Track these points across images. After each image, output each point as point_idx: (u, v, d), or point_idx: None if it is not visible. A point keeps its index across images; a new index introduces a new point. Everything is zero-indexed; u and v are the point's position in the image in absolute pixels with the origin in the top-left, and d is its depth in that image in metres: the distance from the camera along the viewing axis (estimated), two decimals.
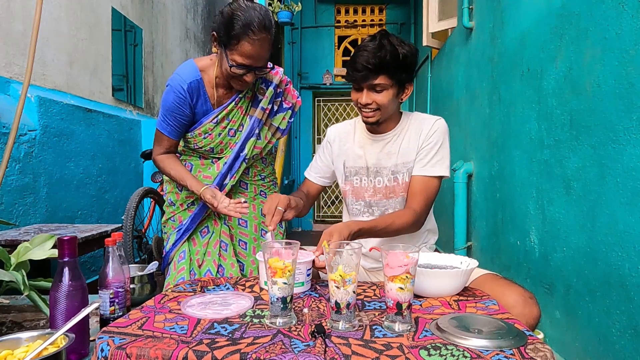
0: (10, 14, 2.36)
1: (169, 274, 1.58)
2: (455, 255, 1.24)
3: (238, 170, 1.58)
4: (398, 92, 1.41)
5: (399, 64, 1.35)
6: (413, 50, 1.39)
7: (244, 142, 1.56)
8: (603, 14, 1.44)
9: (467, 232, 3.10)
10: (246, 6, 1.38)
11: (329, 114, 7.17)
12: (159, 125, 1.55)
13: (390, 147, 1.50)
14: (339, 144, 1.58)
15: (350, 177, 1.55)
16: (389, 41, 1.35)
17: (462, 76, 3.28)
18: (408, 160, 1.47)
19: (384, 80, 1.36)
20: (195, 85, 1.49)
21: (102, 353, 0.84)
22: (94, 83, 3.12)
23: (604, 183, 1.44)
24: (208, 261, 1.58)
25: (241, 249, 1.65)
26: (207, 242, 1.61)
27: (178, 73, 1.50)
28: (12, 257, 1.22)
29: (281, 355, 0.80)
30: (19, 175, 2.31)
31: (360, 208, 1.54)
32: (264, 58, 1.42)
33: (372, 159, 1.52)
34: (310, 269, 1.21)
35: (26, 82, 1.55)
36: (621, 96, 1.34)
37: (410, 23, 6.35)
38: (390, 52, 1.33)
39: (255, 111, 1.57)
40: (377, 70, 1.34)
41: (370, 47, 1.34)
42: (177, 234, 1.61)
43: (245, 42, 1.35)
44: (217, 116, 1.53)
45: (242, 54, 1.37)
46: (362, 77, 1.36)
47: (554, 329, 1.79)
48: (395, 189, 1.49)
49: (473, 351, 0.80)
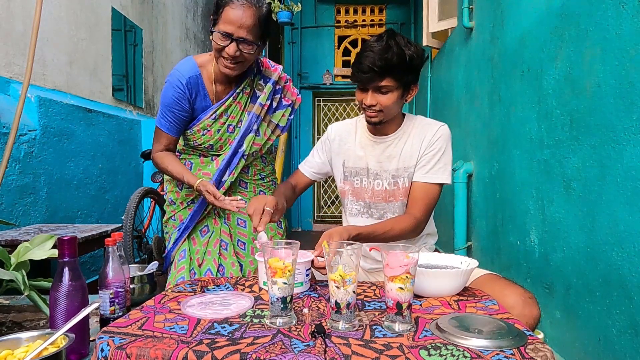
0: (10, 14, 2.36)
1: (169, 274, 1.58)
2: (455, 255, 1.24)
3: (237, 166, 1.57)
4: (403, 93, 1.40)
5: (406, 66, 1.33)
6: (419, 51, 1.36)
7: (242, 137, 1.56)
8: (603, 14, 1.44)
9: (467, 232, 3.10)
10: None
11: (329, 114, 7.17)
12: (158, 123, 1.55)
13: (391, 150, 1.49)
14: (339, 143, 1.58)
15: (349, 177, 1.55)
16: (396, 42, 1.32)
17: (462, 76, 3.27)
18: (409, 165, 1.47)
19: (390, 82, 1.34)
20: (194, 80, 1.50)
21: (102, 353, 0.84)
22: (94, 83, 3.11)
23: (604, 183, 1.44)
24: (208, 260, 1.58)
25: (240, 249, 1.65)
26: (207, 241, 1.61)
27: (177, 69, 1.51)
28: (12, 257, 1.22)
29: (281, 355, 0.80)
30: (19, 175, 2.31)
31: (360, 209, 1.54)
32: (247, 28, 1.37)
33: (373, 161, 1.51)
34: (309, 269, 1.21)
35: (26, 82, 1.55)
36: (621, 96, 1.34)
37: (410, 23, 6.34)
38: (397, 54, 1.31)
39: (254, 107, 1.57)
40: (383, 72, 1.32)
41: (377, 47, 1.32)
42: (177, 233, 1.62)
43: (228, 8, 1.36)
44: (215, 112, 1.53)
45: (225, 20, 1.37)
46: (367, 78, 1.34)
47: (554, 329, 1.79)
48: (395, 193, 1.49)
49: (473, 351, 0.80)
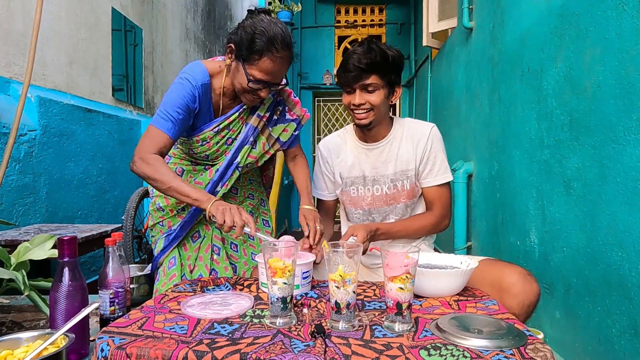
0: (10, 13, 2.36)
1: (157, 280, 1.52)
2: (455, 255, 1.24)
3: (230, 178, 1.52)
4: (388, 93, 1.46)
5: (389, 64, 1.41)
6: (400, 54, 1.45)
7: (237, 149, 1.51)
8: (603, 14, 1.44)
9: (467, 232, 3.10)
10: (268, 21, 1.34)
11: (328, 114, 7.17)
12: (156, 123, 1.39)
13: (386, 155, 1.53)
14: (332, 157, 1.61)
15: (346, 187, 1.58)
16: (377, 45, 1.42)
17: (462, 76, 3.27)
18: (407, 168, 1.51)
19: (376, 80, 1.41)
20: (205, 89, 1.44)
21: (102, 353, 0.84)
22: (94, 83, 3.11)
23: (604, 183, 1.44)
24: (200, 266, 1.54)
25: (232, 251, 1.62)
26: (199, 246, 1.56)
27: (191, 71, 1.43)
28: (12, 257, 1.21)
29: (281, 355, 0.80)
30: (19, 175, 2.31)
31: (359, 216, 1.58)
32: (282, 75, 1.39)
33: (369, 168, 1.54)
34: (308, 271, 1.21)
35: (26, 82, 1.55)
36: (621, 96, 1.34)
37: (410, 23, 6.35)
38: (379, 54, 1.39)
39: (251, 118, 1.52)
40: (368, 69, 1.39)
41: (360, 50, 1.41)
42: (165, 240, 1.55)
43: (267, 59, 1.32)
44: (218, 125, 1.48)
45: (263, 69, 1.33)
46: (353, 77, 1.40)
47: (554, 329, 1.79)
48: (395, 195, 1.53)
49: (473, 351, 0.80)
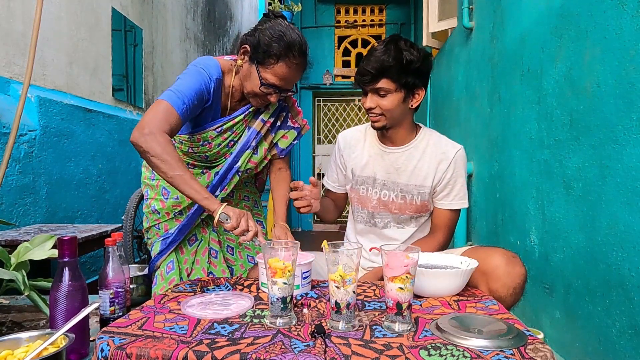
0: (10, 14, 2.36)
1: (155, 283, 1.50)
2: (455, 255, 1.24)
3: (230, 182, 1.51)
4: (405, 97, 1.39)
5: (403, 67, 1.34)
6: (422, 56, 1.37)
7: (239, 153, 1.49)
8: (603, 14, 1.44)
9: (467, 232, 3.10)
10: (287, 26, 1.35)
11: (329, 114, 7.17)
12: (168, 98, 1.27)
13: (402, 163, 1.48)
14: (347, 152, 1.58)
15: (356, 185, 1.56)
16: (396, 45, 1.35)
17: (462, 76, 3.27)
18: (422, 184, 1.47)
19: (386, 84, 1.35)
20: (218, 83, 1.42)
21: (102, 353, 0.84)
22: (94, 83, 3.11)
23: (604, 183, 1.44)
24: (197, 269, 1.53)
25: (229, 255, 1.62)
26: (196, 250, 1.56)
27: (207, 64, 1.40)
28: (12, 257, 1.21)
29: (281, 355, 0.80)
30: (19, 175, 2.31)
31: (364, 216, 1.56)
32: (295, 82, 1.39)
33: (381, 172, 1.51)
34: (308, 271, 1.21)
35: (26, 82, 1.55)
36: (621, 96, 1.34)
37: (410, 23, 6.34)
38: (393, 57, 1.33)
39: (255, 122, 1.51)
40: (378, 74, 1.34)
41: (377, 51, 1.36)
42: (162, 244, 1.52)
43: (284, 64, 1.32)
44: (221, 125, 1.45)
45: (277, 74, 1.34)
46: (364, 81, 1.38)
47: (554, 329, 1.79)
48: (401, 207, 1.49)
49: (473, 351, 0.80)
